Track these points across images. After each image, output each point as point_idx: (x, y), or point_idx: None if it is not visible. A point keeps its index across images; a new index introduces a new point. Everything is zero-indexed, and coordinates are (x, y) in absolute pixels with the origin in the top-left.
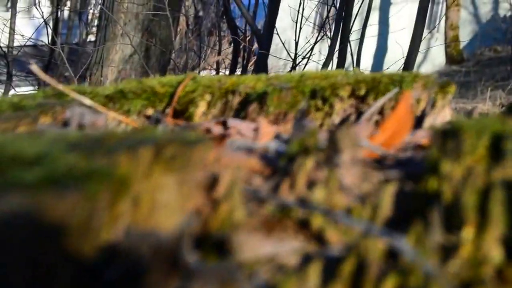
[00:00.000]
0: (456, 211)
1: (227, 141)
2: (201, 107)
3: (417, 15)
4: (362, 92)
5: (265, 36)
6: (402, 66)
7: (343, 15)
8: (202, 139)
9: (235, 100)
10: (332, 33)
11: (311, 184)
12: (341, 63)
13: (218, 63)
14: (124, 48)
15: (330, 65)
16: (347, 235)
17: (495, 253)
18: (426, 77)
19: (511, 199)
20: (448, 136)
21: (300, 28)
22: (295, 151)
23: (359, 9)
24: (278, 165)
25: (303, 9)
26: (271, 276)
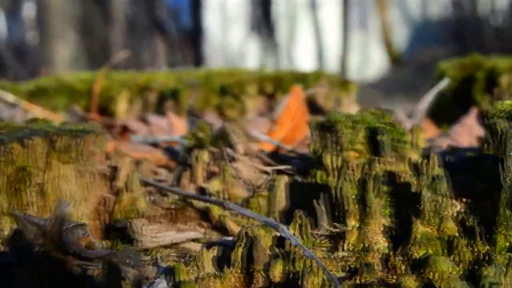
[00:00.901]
0: (339, 202)
1: (136, 135)
2: (122, 103)
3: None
4: (269, 89)
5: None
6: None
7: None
8: (95, 131)
9: (152, 97)
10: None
11: (209, 176)
12: (274, 62)
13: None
14: (63, 48)
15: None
16: (242, 225)
17: (380, 242)
18: (330, 76)
19: (393, 191)
20: (327, 129)
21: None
22: (191, 145)
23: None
24: (180, 158)
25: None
26: (172, 261)
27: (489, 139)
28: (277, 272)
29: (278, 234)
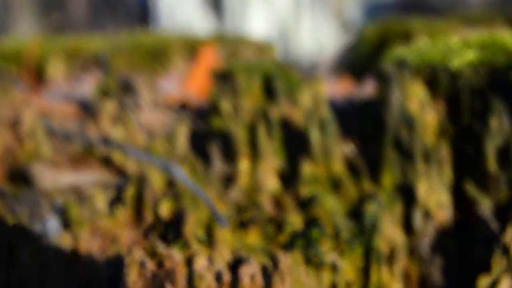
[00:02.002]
0: (232, 145)
1: (50, 89)
2: (53, 68)
3: None
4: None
5: None
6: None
7: None
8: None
9: (85, 60)
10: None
11: (114, 124)
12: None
13: None
14: (23, 24)
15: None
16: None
17: (270, 182)
18: (254, 42)
19: (287, 136)
20: (225, 77)
21: None
22: (99, 95)
23: None
24: (88, 108)
25: None
26: (67, 201)
27: (378, 84)
28: (165, 209)
29: (170, 176)
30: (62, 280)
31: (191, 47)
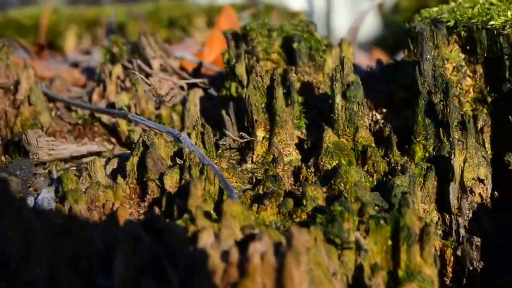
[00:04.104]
0: (248, 112)
1: (57, 58)
2: (70, 39)
3: None
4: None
5: None
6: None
7: None
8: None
9: (100, 31)
10: None
11: (120, 91)
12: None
13: None
14: None
15: None
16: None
17: (292, 153)
18: (280, 8)
19: (309, 102)
20: (242, 39)
21: None
22: (105, 60)
23: None
24: (94, 75)
25: None
26: (64, 172)
27: (409, 45)
28: (172, 181)
29: (174, 143)
30: (49, 254)
31: (212, 15)
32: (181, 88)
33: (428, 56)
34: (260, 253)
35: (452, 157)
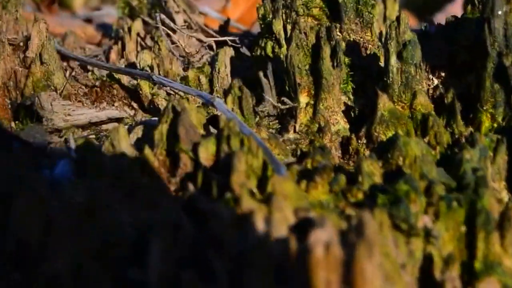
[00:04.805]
0: (290, 74)
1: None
2: None
3: None
4: None
5: None
6: None
7: None
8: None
9: None
10: None
11: (141, 49)
12: None
13: None
14: None
15: None
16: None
17: (339, 122)
18: None
19: (357, 63)
20: None
21: None
22: (123, 14)
23: None
24: (112, 31)
25: None
26: (83, 141)
27: None
28: (207, 153)
29: (215, 112)
30: (71, 242)
31: None
32: (209, 47)
33: (499, 12)
34: (324, 243)
35: None
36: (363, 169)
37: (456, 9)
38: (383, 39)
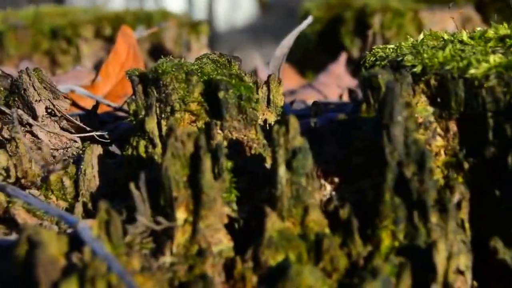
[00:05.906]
0: (166, 187)
1: None
2: None
3: None
4: (108, 31)
5: None
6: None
7: None
8: None
9: None
10: None
11: None
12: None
13: None
14: None
15: None
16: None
17: (222, 241)
18: (178, 16)
19: (241, 166)
20: (152, 83)
21: None
22: None
23: None
24: None
25: None
26: None
27: (368, 97)
28: None
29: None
30: None
31: (101, 24)
32: (74, 141)
33: (399, 118)
34: None
35: (434, 251)
36: None
37: (339, 70)
38: (269, 139)
